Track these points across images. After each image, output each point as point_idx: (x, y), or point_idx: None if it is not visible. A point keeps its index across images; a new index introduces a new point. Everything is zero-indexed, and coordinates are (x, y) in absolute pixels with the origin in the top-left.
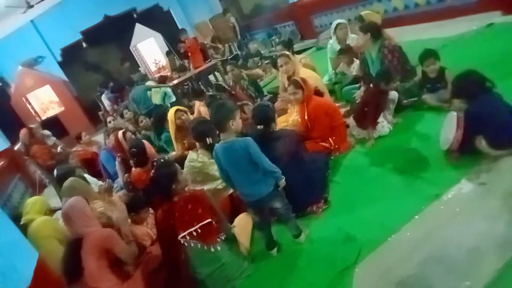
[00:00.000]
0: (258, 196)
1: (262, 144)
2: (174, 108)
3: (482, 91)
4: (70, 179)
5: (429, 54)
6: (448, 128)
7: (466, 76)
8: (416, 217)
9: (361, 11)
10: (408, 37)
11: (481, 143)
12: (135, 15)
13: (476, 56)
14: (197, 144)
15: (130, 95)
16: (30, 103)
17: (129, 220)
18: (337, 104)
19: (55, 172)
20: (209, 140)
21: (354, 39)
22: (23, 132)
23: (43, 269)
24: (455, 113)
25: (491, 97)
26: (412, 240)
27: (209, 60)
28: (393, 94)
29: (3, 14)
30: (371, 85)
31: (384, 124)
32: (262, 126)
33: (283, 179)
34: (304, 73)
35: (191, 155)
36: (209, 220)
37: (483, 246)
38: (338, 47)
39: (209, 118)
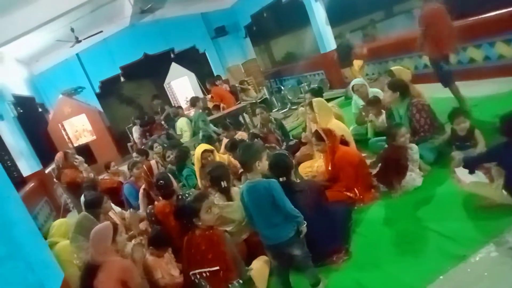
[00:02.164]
0: (278, 240)
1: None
2: (202, 147)
3: None
4: (81, 215)
5: (459, 113)
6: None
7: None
8: (441, 277)
9: (391, 65)
10: (438, 94)
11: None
12: (172, 55)
13: None
14: (213, 188)
15: (192, 118)
16: (65, 130)
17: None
18: (363, 155)
19: (82, 197)
20: (223, 184)
21: (377, 93)
22: (59, 155)
23: None
24: None
25: None
26: None
27: (239, 102)
28: (414, 148)
29: (53, 47)
30: (386, 145)
31: (415, 177)
32: (283, 178)
33: (305, 225)
34: (331, 122)
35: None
36: (217, 268)
37: None
38: (361, 102)
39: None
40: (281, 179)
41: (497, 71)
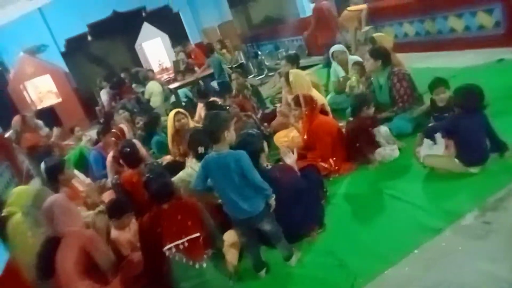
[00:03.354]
0: (248, 214)
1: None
2: (175, 110)
3: (478, 108)
4: (39, 188)
5: (439, 83)
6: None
7: (470, 89)
8: (416, 251)
9: (370, 33)
10: (417, 64)
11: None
12: (144, 14)
13: (485, 88)
14: (190, 153)
15: (208, 62)
16: (27, 91)
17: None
18: (340, 124)
19: (42, 164)
20: (200, 150)
21: (354, 59)
22: (16, 119)
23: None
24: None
25: (482, 115)
26: (411, 275)
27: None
28: (382, 129)
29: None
30: (350, 118)
31: (392, 149)
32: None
33: (273, 198)
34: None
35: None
36: (198, 234)
37: None
38: (341, 70)
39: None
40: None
41: (477, 42)
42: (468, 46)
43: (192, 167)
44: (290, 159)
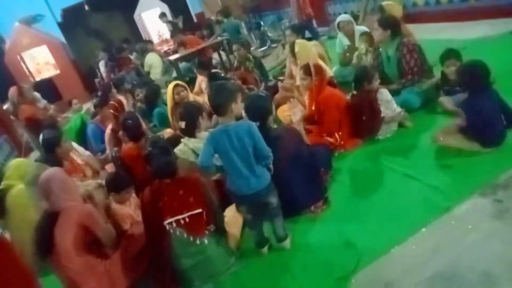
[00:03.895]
0: (257, 188)
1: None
2: (174, 82)
3: (486, 85)
4: (35, 164)
5: (451, 54)
6: None
7: (474, 67)
8: (424, 229)
9: (378, 2)
10: (426, 35)
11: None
12: None
13: (496, 61)
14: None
15: (223, 27)
16: (24, 62)
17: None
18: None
19: (41, 136)
20: (181, 124)
21: (362, 30)
22: (12, 90)
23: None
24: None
25: (492, 92)
26: (418, 254)
27: (215, 36)
28: (384, 94)
29: None
30: (354, 92)
31: (401, 114)
32: (257, 123)
33: (271, 165)
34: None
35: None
36: (200, 210)
37: (496, 270)
38: (346, 41)
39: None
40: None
41: (490, 11)
42: (481, 16)
43: (185, 143)
44: (297, 116)
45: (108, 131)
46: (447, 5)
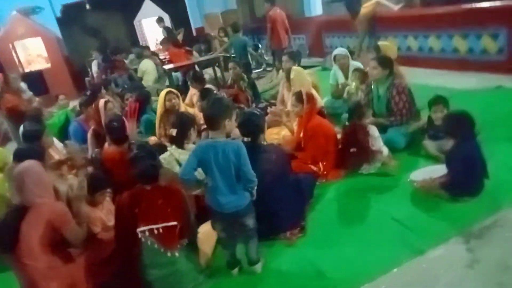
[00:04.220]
0: (235, 208)
1: (249, 156)
2: (166, 89)
3: (471, 135)
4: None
5: (439, 101)
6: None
7: (462, 115)
8: (395, 269)
9: (373, 42)
10: (417, 79)
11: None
12: None
13: (480, 113)
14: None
15: (231, 41)
16: (16, 52)
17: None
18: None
19: (21, 128)
20: (189, 133)
21: (359, 67)
22: None
23: None
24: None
25: (475, 143)
26: None
27: (211, 52)
28: (373, 129)
29: None
30: (346, 123)
31: (385, 153)
32: (249, 138)
33: (255, 188)
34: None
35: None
36: (175, 223)
37: None
38: (341, 75)
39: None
40: (245, 139)
41: (478, 65)
42: (469, 68)
43: (171, 153)
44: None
45: (91, 131)
46: (439, 53)
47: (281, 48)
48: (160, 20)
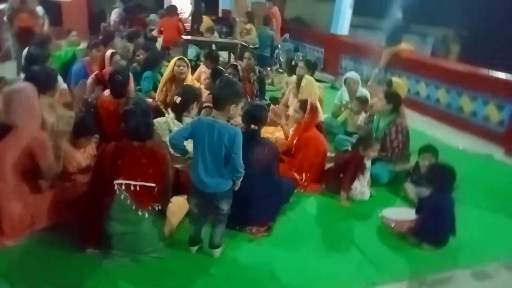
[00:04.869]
0: (215, 189)
1: (244, 143)
2: (179, 56)
3: (448, 189)
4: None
5: (430, 150)
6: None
7: (446, 169)
8: None
9: (388, 75)
10: (415, 124)
11: None
12: None
13: (465, 175)
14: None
15: (259, 32)
16: None
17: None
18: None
19: (25, 50)
20: (191, 107)
21: (365, 95)
22: None
23: None
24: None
25: (451, 197)
26: None
27: (231, 37)
28: (369, 163)
29: None
30: (349, 148)
31: (364, 190)
32: (253, 126)
33: (240, 180)
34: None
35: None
36: (153, 185)
37: None
38: (346, 97)
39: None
40: (252, 126)
41: (477, 129)
42: (468, 129)
43: (167, 120)
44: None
45: (92, 76)
46: (444, 107)
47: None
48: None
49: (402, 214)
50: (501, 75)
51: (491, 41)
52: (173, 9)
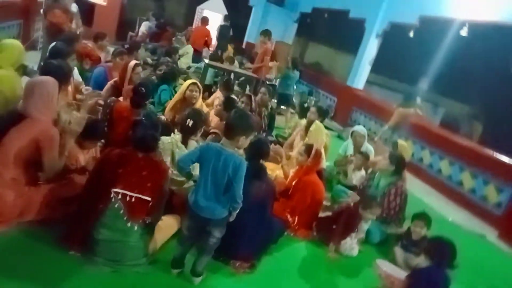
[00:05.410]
0: (211, 215)
1: (245, 175)
2: (192, 80)
3: (446, 266)
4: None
5: (423, 218)
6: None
7: (448, 244)
8: None
9: (395, 137)
10: (413, 190)
11: None
12: None
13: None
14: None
15: (285, 73)
16: None
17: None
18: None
19: (52, 45)
20: (197, 131)
21: (369, 150)
22: None
23: None
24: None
25: (446, 273)
26: None
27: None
28: (364, 225)
29: None
30: (348, 201)
31: (354, 246)
32: (256, 161)
33: (236, 212)
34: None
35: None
36: (149, 199)
37: None
38: (351, 150)
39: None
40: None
41: (473, 207)
42: (464, 205)
43: (173, 141)
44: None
45: (112, 82)
46: (444, 178)
47: (263, 78)
48: (226, 18)
49: (394, 270)
50: (505, 158)
51: (499, 120)
52: (205, 20)
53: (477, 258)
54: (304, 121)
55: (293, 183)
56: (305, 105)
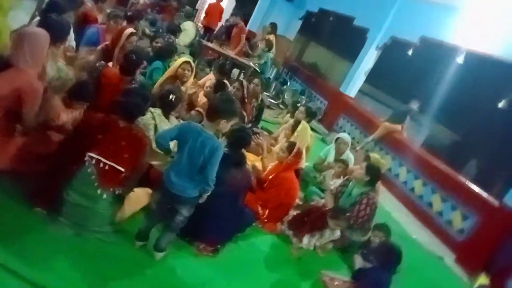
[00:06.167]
0: (181, 192)
1: (223, 162)
2: (185, 58)
3: (391, 269)
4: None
5: (383, 229)
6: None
7: (395, 250)
8: None
9: (376, 148)
10: (384, 203)
11: None
12: None
13: (412, 267)
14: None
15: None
16: None
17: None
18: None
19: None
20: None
21: (349, 158)
22: None
23: None
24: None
25: (389, 277)
26: None
27: (248, 58)
28: (335, 233)
29: None
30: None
31: (317, 245)
32: (236, 149)
33: (207, 195)
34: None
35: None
36: (123, 170)
37: None
38: (332, 155)
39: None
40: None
41: (437, 229)
42: (429, 226)
43: (154, 116)
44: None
45: (103, 45)
46: (415, 197)
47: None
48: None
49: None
50: (476, 188)
51: (479, 152)
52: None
53: (432, 278)
54: (291, 119)
55: (270, 177)
56: (298, 104)
